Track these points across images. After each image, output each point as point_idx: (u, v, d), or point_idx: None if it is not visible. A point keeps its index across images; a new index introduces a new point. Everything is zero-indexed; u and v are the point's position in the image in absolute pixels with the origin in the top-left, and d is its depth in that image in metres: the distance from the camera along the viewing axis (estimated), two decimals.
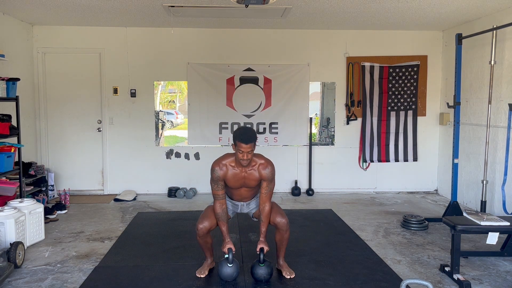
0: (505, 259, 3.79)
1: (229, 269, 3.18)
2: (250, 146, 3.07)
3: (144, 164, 6.42)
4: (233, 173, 3.21)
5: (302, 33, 6.37)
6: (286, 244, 3.42)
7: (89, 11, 5.20)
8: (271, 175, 3.24)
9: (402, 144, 6.47)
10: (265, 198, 3.25)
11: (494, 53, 4.60)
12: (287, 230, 3.31)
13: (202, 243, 3.35)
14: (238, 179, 3.23)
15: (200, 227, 3.23)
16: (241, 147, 3.06)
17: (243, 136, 3.06)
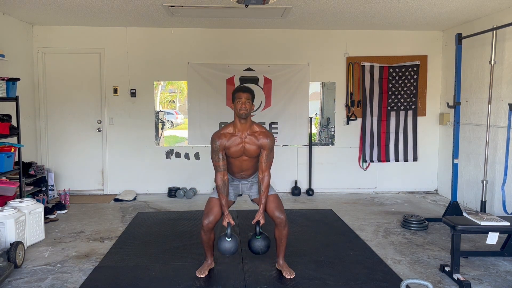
0: (505, 259, 3.79)
1: (228, 243, 3.19)
2: (248, 95, 3.19)
3: (144, 164, 6.42)
4: (233, 139, 3.23)
5: (302, 33, 6.37)
6: (286, 242, 3.40)
7: (89, 11, 5.20)
8: (271, 144, 3.26)
9: (402, 144, 6.47)
10: (264, 167, 3.25)
11: (494, 53, 4.60)
12: (285, 226, 3.32)
13: (205, 240, 3.34)
14: (238, 145, 3.22)
15: (205, 223, 3.23)
16: (240, 96, 3.18)
17: (241, 87, 3.28)
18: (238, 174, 3.38)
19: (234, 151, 3.23)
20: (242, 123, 3.24)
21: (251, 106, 3.23)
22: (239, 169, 3.34)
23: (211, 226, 3.25)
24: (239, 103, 3.18)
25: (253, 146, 3.23)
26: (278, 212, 3.27)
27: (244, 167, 3.33)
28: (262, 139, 3.23)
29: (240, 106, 3.18)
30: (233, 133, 3.24)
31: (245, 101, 3.18)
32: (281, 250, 3.44)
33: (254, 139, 3.24)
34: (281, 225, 3.29)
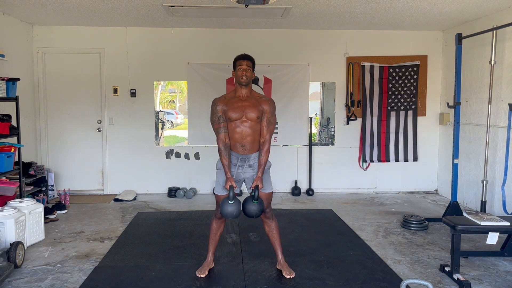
0: (505, 259, 3.79)
1: (230, 207, 3.19)
2: (248, 63, 3.23)
3: (144, 164, 6.42)
4: (233, 101, 3.23)
5: (302, 33, 6.37)
6: (279, 237, 3.44)
7: (89, 11, 5.20)
8: (272, 108, 3.27)
9: (402, 144, 6.47)
10: (265, 131, 3.24)
11: (494, 53, 4.60)
12: (272, 219, 3.40)
13: (214, 229, 3.42)
14: (239, 106, 3.20)
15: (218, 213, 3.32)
16: (240, 64, 3.21)
17: (241, 55, 3.31)
18: (240, 145, 3.23)
19: (234, 112, 3.19)
20: (243, 89, 3.26)
21: (251, 74, 3.25)
22: (240, 137, 3.22)
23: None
24: (239, 70, 3.20)
25: (254, 109, 3.21)
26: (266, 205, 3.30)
27: (245, 134, 3.22)
28: (263, 103, 3.25)
29: (241, 73, 3.19)
30: (233, 96, 3.27)
31: (246, 68, 3.20)
32: (277, 245, 3.44)
33: (254, 101, 3.24)
34: (267, 219, 3.39)
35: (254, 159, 3.28)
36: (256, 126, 3.23)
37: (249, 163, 3.28)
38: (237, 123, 3.21)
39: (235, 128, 3.22)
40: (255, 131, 3.24)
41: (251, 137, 3.23)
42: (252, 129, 3.22)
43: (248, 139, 3.23)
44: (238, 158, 3.26)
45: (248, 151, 3.25)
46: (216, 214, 3.39)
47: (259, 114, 3.22)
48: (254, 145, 3.26)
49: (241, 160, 3.27)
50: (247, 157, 3.27)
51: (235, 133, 3.23)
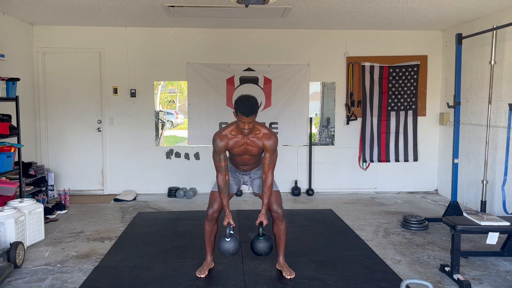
0: (505, 259, 3.79)
1: (227, 244, 3.21)
2: (251, 118, 3.08)
3: (144, 164, 6.42)
4: (235, 141, 3.21)
5: (302, 33, 6.37)
6: (285, 239, 3.44)
7: (89, 11, 5.20)
8: (274, 146, 3.23)
9: (402, 144, 6.47)
10: (267, 168, 3.24)
11: (494, 53, 4.60)
12: (282, 221, 3.38)
13: (208, 231, 3.40)
14: (240, 145, 3.22)
15: (210, 212, 3.34)
16: (242, 119, 3.07)
17: (244, 108, 3.03)
18: (241, 167, 3.40)
19: (236, 150, 3.25)
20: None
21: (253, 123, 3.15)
22: (242, 163, 3.36)
23: (216, 215, 3.36)
24: (241, 123, 3.10)
25: (255, 148, 3.23)
26: (276, 205, 3.33)
27: (247, 162, 3.34)
28: (265, 141, 3.21)
29: (243, 126, 3.11)
30: (235, 135, 3.21)
31: (248, 122, 3.09)
32: (281, 247, 3.45)
33: (257, 141, 3.21)
34: (278, 220, 3.36)
35: (254, 173, 3.46)
36: (258, 156, 3.34)
37: (250, 175, 3.47)
38: (240, 156, 3.30)
39: (237, 159, 3.34)
40: (257, 158, 3.36)
41: (253, 164, 3.38)
42: (254, 158, 3.33)
43: (250, 166, 3.39)
44: (240, 172, 3.46)
45: (249, 169, 3.42)
46: (208, 215, 3.38)
47: (260, 150, 3.27)
48: (255, 165, 3.40)
49: (243, 174, 3.46)
50: (248, 173, 3.46)
51: (237, 161, 3.36)
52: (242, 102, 3.05)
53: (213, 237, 3.45)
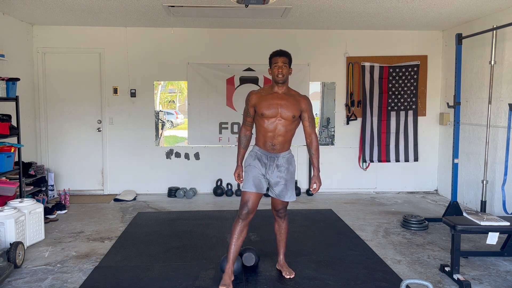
0: (505, 259, 3.79)
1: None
2: (284, 59, 3.06)
3: (144, 164, 6.42)
4: (269, 97, 3.10)
5: (302, 33, 6.37)
6: (286, 237, 3.42)
7: (89, 11, 5.20)
8: (311, 106, 3.17)
9: (403, 144, 6.47)
10: (310, 130, 3.20)
11: (494, 53, 4.60)
12: (284, 219, 3.36)
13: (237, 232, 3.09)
14: (274, 104, 3.08)
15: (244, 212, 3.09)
16: (276, 61, 3.05)
17: (277, 51, 3.12)
18: (270, 144, 3.13)
19: (268, 108, 3.07)
20: (279, 86, 3.14)
21: (288, 70, 3.10)
22: (272, 136, 3.11)
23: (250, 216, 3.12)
24: (275, 68, 3.07)
25: (290, 105, 3.08)
26: (280, 206, 3.31)
27: (278, 133, 3.11)
28: (301, 99, 3.13)
29: (276, 71, 3.05)
30: (269, 92, 3.14)
31: (281, 65, 3.05)
32: (281, 246, 3.42)
33: (292, 100, 3.11)
34: (279, 218, 3.36)
35: (282, 159, 3.18)
36: (289, 126, 3.14)
37: (277, 162, 3.17)
38: (270, 120, 3.10)
39: (268, 126, 3.12)
40: (288, 132, 3.15)
41: (282, 138, 3.14)
42: (286, 128, 3.13)
43: (279, 139, 3.14)
44: (267, 156, 3.17)
45: (278, 150, 3.16)
46: (240, 215, 3.12)
47: (295, 113, 3.11)
48: (284, 145, 3.19)
49: (270, 159, 3.17)
50: (275, 156, 3.17)
51: (267, 131, 3.13)
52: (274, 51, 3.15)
53: (240, 241, 3.12)
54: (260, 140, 3.20)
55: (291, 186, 3.24)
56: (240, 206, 3.15)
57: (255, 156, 3.20)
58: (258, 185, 3.14)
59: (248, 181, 3.15)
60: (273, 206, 3.35)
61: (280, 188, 3.21)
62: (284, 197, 3.23)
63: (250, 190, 3.12)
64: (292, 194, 3.25)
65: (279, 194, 3.22)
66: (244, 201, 3.14)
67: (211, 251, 3.96)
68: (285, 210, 3.37)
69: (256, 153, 3.21)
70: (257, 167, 3.17)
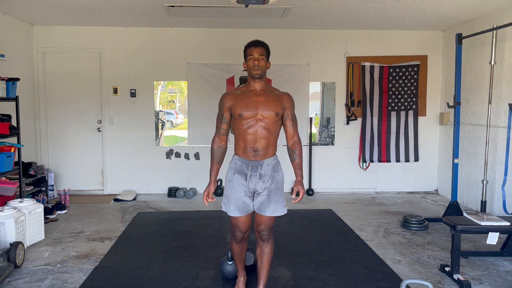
0: (505, 259, 3.79)
1: (229, 267, 3.26)
2: (261, 50, 2.69)
3: (144, 164, 6.42)
4: (246, 95, 2.72)
5: (302, 33, 6.37)
6: (268, 265, 2.87)
7: (89, 11, 5.20)
8: (293, 104, 2.81)
9: (403, 144, 6.47)
10: (292, 130, 2.83)
11: (494, 53, 4.60)
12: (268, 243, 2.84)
13: (238, 251, 2.95)
14: (252, 102, 2.68)
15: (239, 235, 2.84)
16: (251, 52, 2.68)
17: (252, 41, 2.74)
18: (251, 150, 2.72)
19: (246, 108, 2.68)
20: (256, 82, 2.74)
21: (265, 63, 2.71)
22: (253, 139, 2.71)
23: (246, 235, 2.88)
24: (250, 60, 2.68)
25: (270, 103, 2.70)
26: (263, 226, 2.79)
27: (259, 135, 2.71)
28: (283, 96, 2.77)
29: (252, 64, 2.67)
30: (245, 91, 2.76)
31: (258, 57, 2.67)
32: (262, 275, 2.87)
33: (272, 96, 2.73)
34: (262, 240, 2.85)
35: (266, 167, 2.76)
36: (272, 127, 2.74)
37: (260, 171, 2.74)
38: (250, 122, 2.69)
39: (247, 129, 2.71)
40: (271, 133, 2.75)
41: (265, 141, 2.73)
42: (268, 130, 2.72)
43: (262, 142, 2.72)
44: (248, 165, 2.74)
45: (261, 156, 2.74)
46: (234, 236, 2.89)
47: (278, 110, 2.71)
48: (267, 150, 2.76)
49: (252, 169, 2.75)
50: (258, 163, 2.74)
51: (247, 134, 2.71)
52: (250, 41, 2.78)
53: (243, 254, 2.99)
54: (239, 147, 2.78)
55: (276, 198, 2.76)
56: (232, 229, 2.89)
57: (234, 169, 2.79)
58: (243, 208, 2.76)
59: (230, 204, 2.78)
60: (255, 223, 2.84)
61: (261, 200, 2.74)
62: (264, 210, 2.74)
63: (234, 215, 2.78)
64: (276, 208, 2.75)
65: (259, 207, 2.75)
66: (234, 225, 2.84)
67: (211, 251, 3.96)
68: (270, 232, 2.82)
69: (236, 164, 2.79)
70: (239, 186, 2.76)
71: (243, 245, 2.94)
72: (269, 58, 2.81)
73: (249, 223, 2.84)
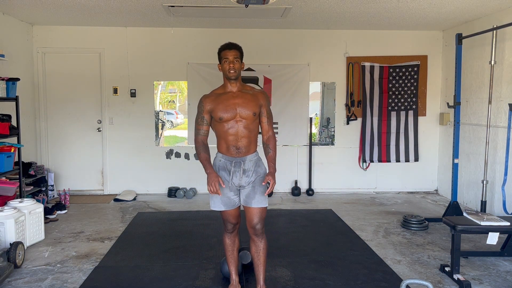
0: (505, 259, 3.79)
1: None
2: (235, 53, 2.79)
3: (144, 164, 6.42)
4: (224, 98, 2.84)
5: (302, 33, 6.37)
6: (265, 260, 2.96)
7: (89, 11, 5.20)
8: (268, 101, 2.96)
9: (403, 144, 6.47)
10: (268, 127, 2.92)
11: (494, 53, 4.60)
12: (262, 238, 2.92)
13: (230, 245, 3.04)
14: (230, 105, 2.81)
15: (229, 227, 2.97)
16: (226, 55, 2.79)
17: (226, 44, 2.85)
18: (234, 148, 2.84)
19: (225, 111, 2.80)
20: (232, 84, 2.87)
21: (240, 65, 2.83)
22: (235, 139, 2.83)
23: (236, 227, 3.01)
24: (225, 63, 2.79)
25: (248, 103, 2.83)
26: (256, 219, 2.87)
27: (240, 135, 2.83)
28: (258, 94, 2.91)
29: (227, 66, 2.79)
30: (223, 93, 2.88)
31: (233, 60, 2.78)
32: (260, 270, 2.95)
33: (249, 96, 2.86)
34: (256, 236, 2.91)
35: (248, 163, 2.87)
36: (252, 125, 2.86)
37: (243, 167, 2.86)
38: (230, 123, 2.82)
39: (228, 130, 2.83)
40: (251, 131, 2.87)
41: (246, 139, 2.85)
42: (248, 129, 2.85)
43: (243, 141, 2.84)
44: (231, 162, 2.86)
45: (244, 153, 2.86)
46: (226, 229, 3.01)
47: (255, 110, 2.85)
48: (250, 147, 2.88)
49: (235, 165, 2.86)
50: (241, 160, 2.86)
51: (228, 134, 2.83)
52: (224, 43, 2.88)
53: (235, 252, 3.06)
54: (222, 146, 2.90)
55: (261, 190, 2.87)
56: (223, 222, 3.01)
57: (218, 166, 2.91)
58: (228, 203, 2.89)
59: (216, 200, 2.90)
60: (248, 221, 2.90)
61: (246, 193, 2.88)
62: (250, 202, 2.86)
63: (220, 209, 2.91)
64: (261, 199, 2.86)
65: (246, 200, 2.88)
66: (224, 218, 2.98)
67: (211, 251, 3.96)
68: (262, 226, 2.91)
69: (220, 162, 2.90)
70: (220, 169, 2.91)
71: (234, 239, 3.06)
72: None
73: (238, 214, 2.99)
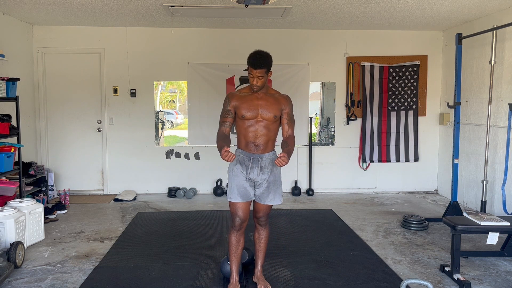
0: (505, 259, 3.79)
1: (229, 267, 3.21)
2: (261, 72, 2.89)
3: (144, 164, 6.42)
4: (249, 98, 2.99)
5: (302, 33, 6.37)
6: (265, 247, 3.21)
7: (89, 11, 5.20)
8: (291, 105, 3.08)
9: (403, 144, 6.47)
10: (288, 128, 3.05)
11: (494, 53, 4.60)
12: (265, 228, 3.17)
13: (234, 244, 3.08)
14: (254, 105, 2.97)
15: (237, 222, 3.02)
16: (252, 72, 2.91)
17: (253, 60, 2.90)
18: (252, 144, 2.99)
19: (248, 110, 2.95)
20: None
21: (265, 79, 2.95)
22: (254, 136, 2.99)
23: (244, 224, 3.06)
24: (251, 78, 2.94)
25: (270, 106, 2.98)
26: (262, 213, 3.11)
27: (259, 133, 2.99)
28: (282, 99, 3.04)
29: (252, 82, 2.94)
30: (248, 93, 3.03)
31: (257, 76, 2.91)
32: (260, 256, 3.20)
33: (272, 100, 3.01)
34: (260, 225, 3.16)
35: (266, 160, 3.02)
36: (271, 126, 3.01)
37: (261, 164, 3.00)
38: (251, 122, 2.98)
39: (248, 127, 3.00)
40: (270, 131, 3.02)
41: (265, 137, 3.01)
42: (267, 128, 3.00)
43: (262, 138, 3.00)
44: (250, 157, 3.00)
45: (261, 150, 3.01)
46: (233, 226, 3.06)
47: (276, 113, 3.00)
48: (268, 145, 3.03)
49: (253, 161, 3.00)
50: (259, 156, 3.00)
51: (248, 132, 3.00)
52: (252, 54, 2.93)
53: (239, 251, 3.11)
54: (242, 142, 3.06)
55: (275, 189, 3.06)
56: (232, 217, 3.07)
57: (236, 160, 3.04)
58: (244, 194, 3.00)
59: (233, 190, 3.01)
60: (254, 211, 3.12)
61: (261, 190, 3.04)
62: (264, 200, 3.04)
63: (236, 201, 3.00)
64: (274, 197, 3.07)
65: (260, 196, 3.04)
66: (233, 212, 3.04)
67: (211, 251, 3.96)
68: (267, 218, 3.15)
69: (238, 156, 3.04)
70: (240, 173, 3.01)
71: (240, 238, 3.10)
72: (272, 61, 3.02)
73: (248, 211, 3.07)
